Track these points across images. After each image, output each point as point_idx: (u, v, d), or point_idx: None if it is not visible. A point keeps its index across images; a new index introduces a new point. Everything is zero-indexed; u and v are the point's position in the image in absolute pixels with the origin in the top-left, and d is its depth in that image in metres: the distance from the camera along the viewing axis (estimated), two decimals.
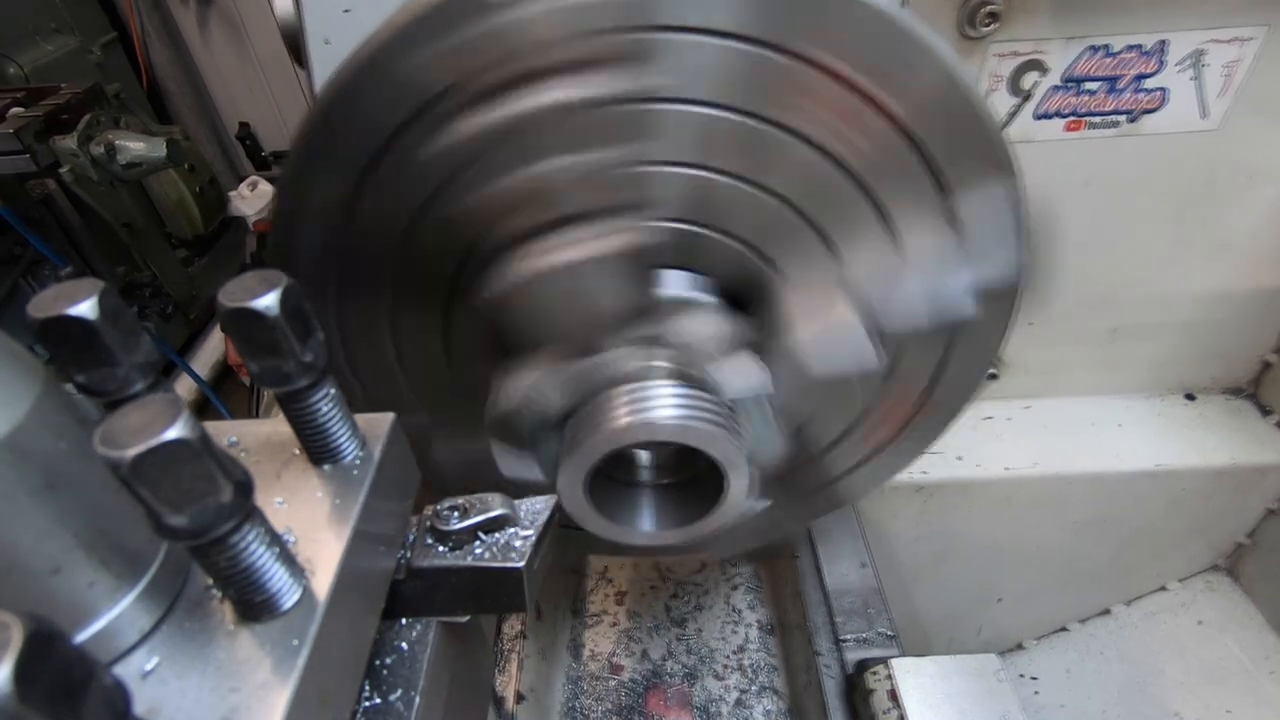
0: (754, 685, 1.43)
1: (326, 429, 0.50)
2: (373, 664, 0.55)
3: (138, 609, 0.41)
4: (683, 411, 0.75)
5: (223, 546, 0.38)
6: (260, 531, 0.40)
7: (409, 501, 0.58)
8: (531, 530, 0.57)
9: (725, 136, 0.73)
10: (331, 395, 0.50)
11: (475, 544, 0.56)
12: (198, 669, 0.40)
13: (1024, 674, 1.94)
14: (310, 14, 0.94)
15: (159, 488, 0.33)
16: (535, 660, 1.35)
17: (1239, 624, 1.85)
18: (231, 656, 0.40)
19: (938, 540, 1.76)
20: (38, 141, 2.28)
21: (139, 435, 0.32)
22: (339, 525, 0.47)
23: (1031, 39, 1.25)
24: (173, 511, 0.34)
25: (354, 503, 0.49)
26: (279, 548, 0.41)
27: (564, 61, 0.68)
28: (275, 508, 0.49)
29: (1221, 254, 1.54)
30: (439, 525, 0.56)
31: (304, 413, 0.49)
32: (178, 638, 0.42)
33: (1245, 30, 1.25)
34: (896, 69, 0.70)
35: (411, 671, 0.55)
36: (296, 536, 0.46)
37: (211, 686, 0.39)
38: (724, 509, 0.83)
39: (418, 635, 0.57)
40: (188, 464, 0.33)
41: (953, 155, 0.74)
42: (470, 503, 0.57)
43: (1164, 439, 1.69)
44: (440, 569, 0.55)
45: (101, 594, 0.39)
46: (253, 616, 0.42)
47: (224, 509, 0.36)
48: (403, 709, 0.53)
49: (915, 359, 0.91)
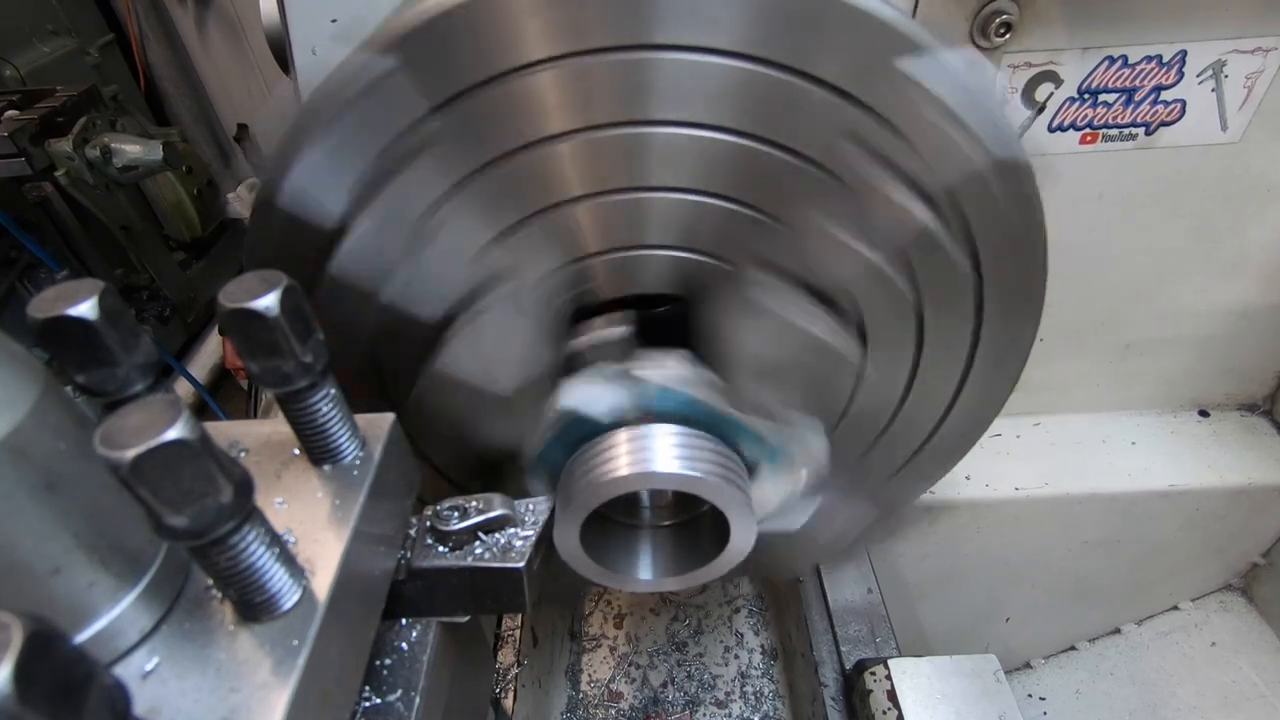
0: (757, 714, 1.40)
1: (326, 429, 0.50)
2: (373, 664, 0.56)
3: (138, 609, 0.41)
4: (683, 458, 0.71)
5: (223, 547, 0.38)
6: (260, 532, 0.40)
7: (409, 501, 0.58)
8: (531, 530, 0.58)
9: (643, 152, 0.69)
10: (331, 395, 0.50)
11: (475, 544, 0.57)
12: (198, 669, 0.40)
13: (1032, 694, 1.91)
14: (295, 24, 0.90)
15: (159, 488, 0.33)
16: (532, 689, 1.32)
17: (1253, 646, 1.81)
18: (231, 657, 0.41)
19: (945, 559, 1.72)
20: (33, 144, 2.27)
21: (139, 436, 0.32)
22: (339, 526, 0.48)
23: (1046, 49, 1.21)
24: (173, 512, 0.35)
25: (354, 503, 0.49)
26: (279, 548, 0.41)
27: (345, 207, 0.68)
28: (275, 508, 0.49)
29: (1239, 269, 1.51)
30: (439, 525, 0.56)
31: (304, 413, 0.49)
32: (178, 638, 0.42)
33: (1269, 40, 1.21)
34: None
35: (411, 672, 0.56)
36: (296, 537, 0.47)
37: (211, 687, 0.39)
38: (727, 556, 0.79)
39: (418, 635, 0.58)
40: (188, 464, 0.34)
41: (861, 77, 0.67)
42: (470, 503, 0.57)
43: (1178, 457, 1.65)
44: (440, 569, 0.56)
45: (101, 594, 0.39)
46: (253, 617, 0.42)
47: (224, 509, 0.36)
48: (403, 709, 0.54)
49: (946, 326, 0.84)
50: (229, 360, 3.09)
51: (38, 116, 2.29)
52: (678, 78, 0.65)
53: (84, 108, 2.41)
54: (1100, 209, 1.41)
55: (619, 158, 0.69)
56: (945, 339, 0.85)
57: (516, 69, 0.63)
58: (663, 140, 0.68)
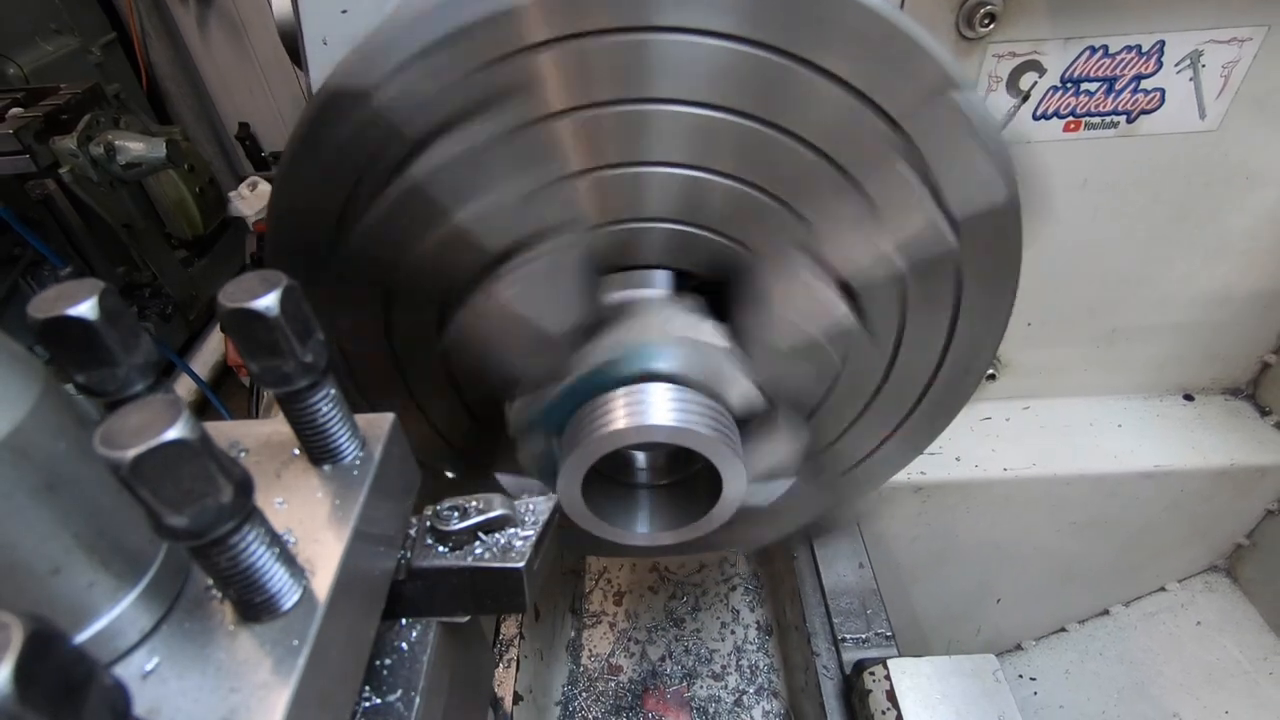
0: (752, 686, 1.43)
1: (326, 429, 0.50)
2: (373, 664, 0.55)
3: (138, 609, 0.41)
4: (678, 413, 0.75)
5: (223, 547, 0.38)
6: (260, 532, 0.40)
7: (409, 501, 0.58)
8: (531, 530, 0.57)
9: (703, 133, 0.73)
10: (331, 395, 0.50)
11: (475, 544, 0.56)
12: (198, 669, 0.40)
13: (1023, 675, 1.94)
14: (308, 15, 0.93)
15: (159, 488, 0.33)
16: (533, 661, 1.35)
17: (1238, 625, 1.85)
18: (231, 657, 0.40)
19: (936, 541, 1.76)
20: (37, 142, 2.28)
21: (139, 435, 0.32)
22: (339, 526, 0.47)
23: (1030, 39, 1.25)
24: (173, 512, 0.34)
25: (354, 503, 0.49)
26: (279, 548, 0.41)
27: (440, 121, 0.70)
28: (275, 508, 0.49)
29: (1220, 255, 1.54)
30: (439, 525, 0.55)
31: (304, 413, 0.49)
32: (178, 638, 0.41)
33: (1244, 30, 1.24)
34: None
35: (411, 671, 0.55)
36: (296, 537, 0.46)
37: (211, 687, 0.39)
38: (719, 509, 0.83)
39: (418, 635, 0.57)
40: (188, 464, 0.33)
41: (903, 94, 0.72)
42: (470, 503, 0.57)
43: (1163, 440, 1.69)
44: (440, 569, 0.55)
45: (101, 594, 0.39)
46: (253, 617, 0.42)
47: (224, 509, 0.36)
48: (403, 709, 0.53)
49: (920, 332, 0.90)
50: (231, 358, 3.11)
51: (42, 114, 2.31)
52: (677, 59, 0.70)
53: (87, 106, 2.43)
54: (1084, 196, 1.45)
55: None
56: (923, 331, 0.89)
57: (637, 28, 0.67)
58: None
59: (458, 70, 0.68)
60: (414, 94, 0.68)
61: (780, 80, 0.70)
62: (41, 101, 2.37)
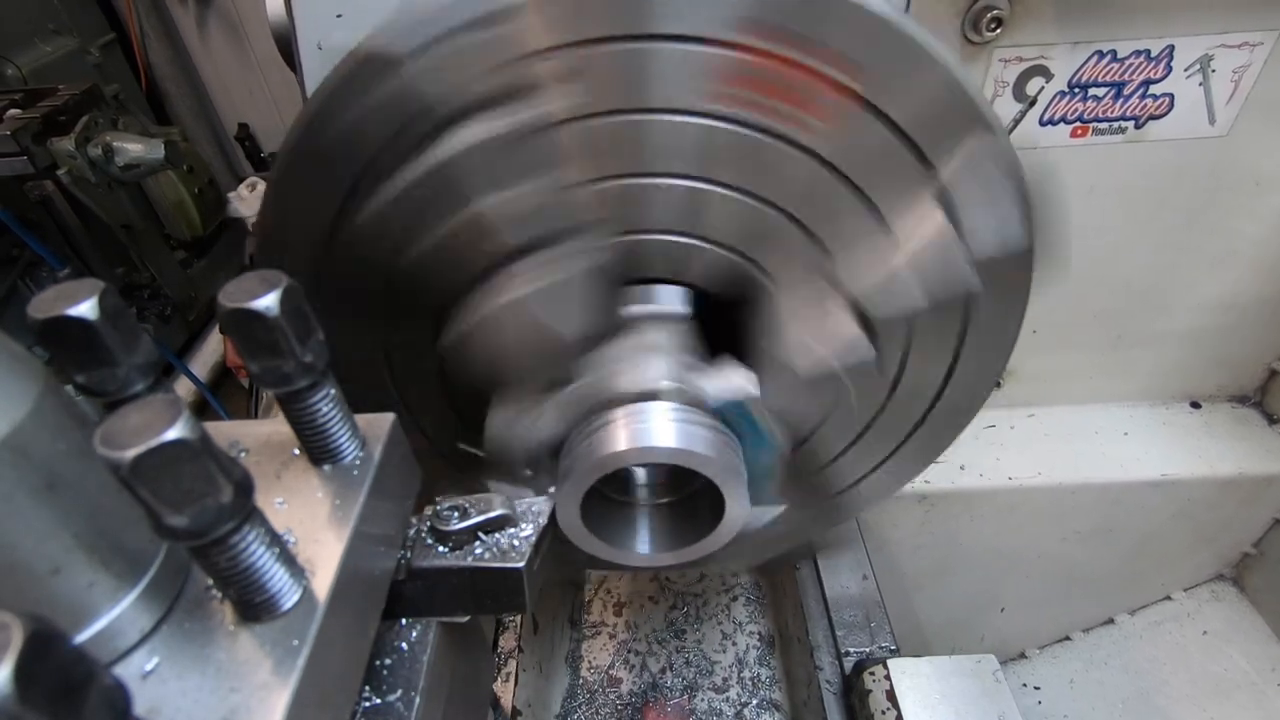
0: (754, 699, 1.41)
1: (326, 429, 0.50)
2: (373, 664, 0.55)
3: (138, 609, 0.41)
4: (680, 432, 0.73)
5: (223, 547, 0.38)
6: (260, 532, 0.40)
7: (409, 501, 0.58)
8: (531, 530, 0.57)
9: (705, 145, 0.72)
10: (331, 395, 0.50)
11: (475, 544, 0.56)
12: (198, 669, 0.40)
13: (1027, 683, 1.93)
14: (301, 18, 0.92)
15: (159, 488, 0.33)
16: (532, 674, 1.33)
17: (1245, 635, 1.83)
18: (231, 657, 0.40)
19: (940, 549, 1.74)
20: (35, 143, 2.27)
21: (139, 435, 0.32)
22: (339, 526, 0.47)
23: (1036, 44, 1.23)
24: (173, 512, 0.34)
25: (354, 503, 0.49)
26: (279, 548, 0.41)
27: (473, 102, 0.68)
28: (275, 508, 0.49)
29: (1228, 261, 1.53)
30: (439, 525, 0.56)
31: (304, 413, 0.49)
32: (178, 638, 0.42)
33: (1255, 35, 1.23)
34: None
35: (411, 672, 0.55)
36: (296, 537, 0.47)
37: (211, 687, 0.39)
38: (721, 531, 0.81)
39: (418, 635, 0.58)
40: (188, 464, 0.34)
41: (932, 129, 0.72)
42: (470, 503, 0.57)
43: (1169, 448, 1.67)
44: (440, 569, 0.55)
45: (101, 594, 0.39)
46: (253, 617, 0.42)
47: (224, 509, 0.36)
48: (403, 709, 0.53)
49: (925, 359, 0.89)
50: (230, 359, 3.10)
51: (40, 115, 2.29)
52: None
53: (86, 106, 2.41)
54: (1092, 202, 1.43)
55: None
56: (925, 364, 0.89)
57: (637, 37, 0.66)
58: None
59: (488, 59, 0.67)
60: (443, 73, 0.67)
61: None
62: (40, 102, 2.36)
